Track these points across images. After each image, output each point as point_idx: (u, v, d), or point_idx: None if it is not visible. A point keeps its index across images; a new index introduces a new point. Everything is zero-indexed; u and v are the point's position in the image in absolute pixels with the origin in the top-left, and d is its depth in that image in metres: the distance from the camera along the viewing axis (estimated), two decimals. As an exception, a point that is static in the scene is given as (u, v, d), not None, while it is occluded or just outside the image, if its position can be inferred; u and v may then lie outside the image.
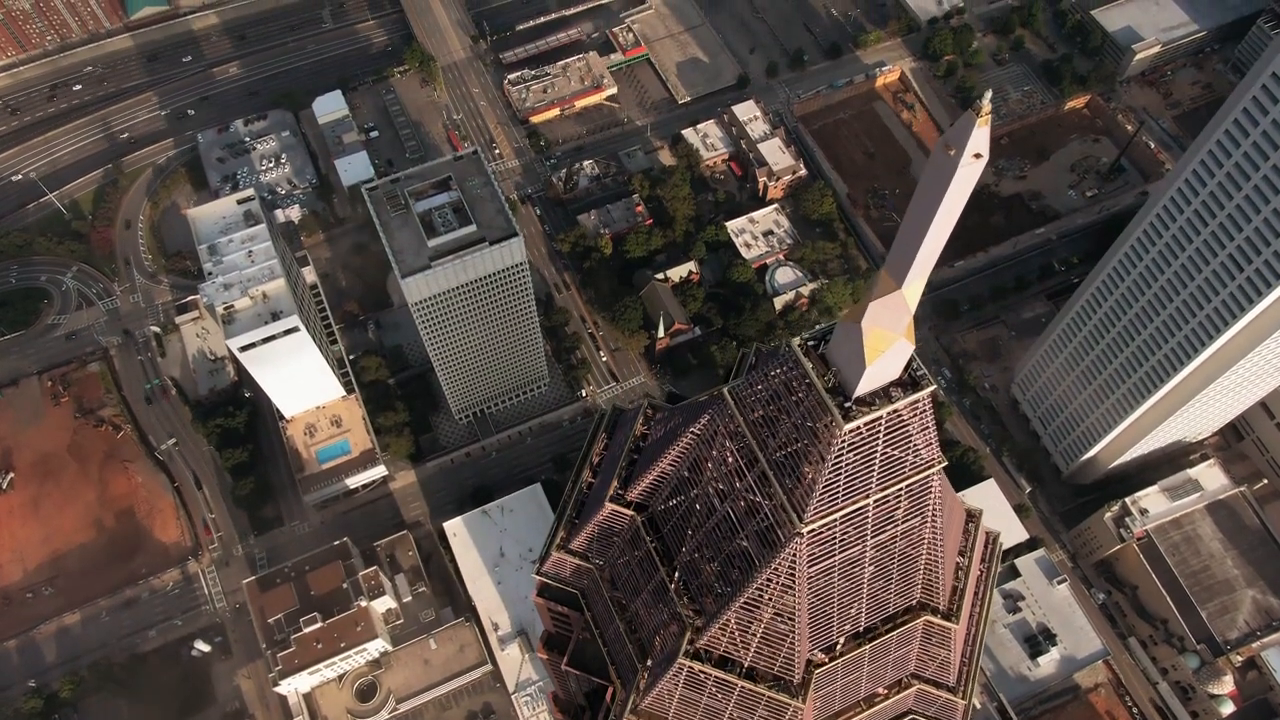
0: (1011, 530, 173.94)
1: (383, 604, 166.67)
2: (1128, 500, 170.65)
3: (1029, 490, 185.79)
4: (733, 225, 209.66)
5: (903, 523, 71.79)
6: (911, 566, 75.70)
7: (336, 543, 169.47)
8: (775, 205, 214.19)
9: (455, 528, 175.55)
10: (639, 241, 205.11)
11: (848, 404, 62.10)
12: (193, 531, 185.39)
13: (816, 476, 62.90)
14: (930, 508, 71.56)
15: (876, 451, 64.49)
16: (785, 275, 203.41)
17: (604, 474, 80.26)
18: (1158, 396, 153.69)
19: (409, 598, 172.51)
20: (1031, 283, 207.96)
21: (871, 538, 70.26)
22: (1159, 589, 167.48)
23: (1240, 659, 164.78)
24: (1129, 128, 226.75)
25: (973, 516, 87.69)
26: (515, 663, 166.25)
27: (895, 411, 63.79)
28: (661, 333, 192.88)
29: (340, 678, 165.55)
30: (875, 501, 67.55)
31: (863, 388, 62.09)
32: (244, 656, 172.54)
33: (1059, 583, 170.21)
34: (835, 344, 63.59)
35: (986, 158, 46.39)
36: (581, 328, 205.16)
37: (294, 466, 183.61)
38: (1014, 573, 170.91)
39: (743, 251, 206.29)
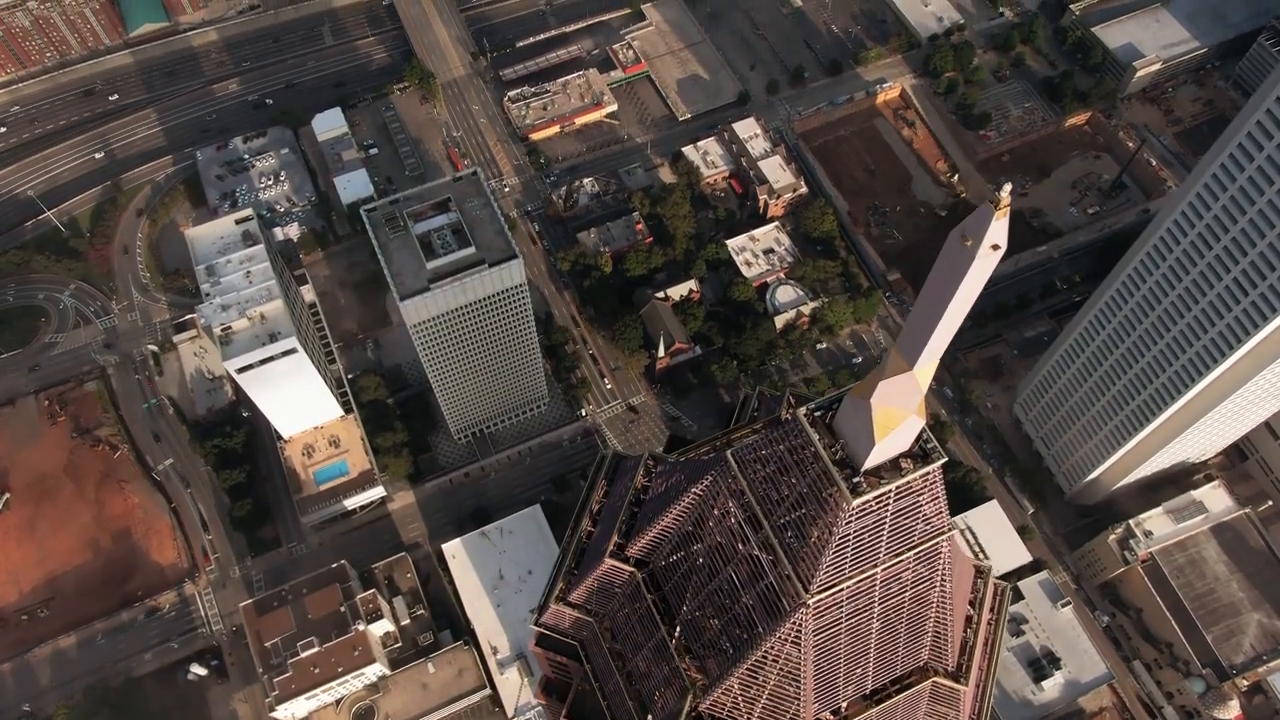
0: (1014, 552, 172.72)
1: (380, 627, 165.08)
2: (1132, 522, 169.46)
3: (1031, 511, 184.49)
4: (733, 243, 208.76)
5: (911, 587, 70.60)
6: (920, 628, 74.50)
7: (334, 565, 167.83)
8: (776, 223, 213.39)
9: (454, 549, 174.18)
10: (639, 260, 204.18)
11: (856, 478, 60.89)
12: (189, 553, 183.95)
13: (823, 547, 61.71)
14: (939, 572, 70.50)
15: (885, 522, 63.31)
16: (786, 294, 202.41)
17: (604, 525, 78.88)
18: (1162, 419, 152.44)
19: (407, 621, 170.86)
20: (1033, 301, 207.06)
21: (879, 604, 69.01)
22: (1164, 612, 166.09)
23: (1246, 683, 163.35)
24: (1130, 145, 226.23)
25: (981, 572, 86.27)
26: (514, 687, 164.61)
27: (905, 484, 62.63)
28: (662, 352, 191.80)
29: (337, 703, 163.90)
30: (883, 570, 66.31)
31: (871, 461, 60.87)
32: (240, 680, 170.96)
33: (1063, 605, 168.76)
34: (843, 417, 62.42)
35: (1004, 248, 45.22)
36: (582, 348, 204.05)
37: (292, 487, 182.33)
38: (1017, 595, 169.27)
39: (743, 270, 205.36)
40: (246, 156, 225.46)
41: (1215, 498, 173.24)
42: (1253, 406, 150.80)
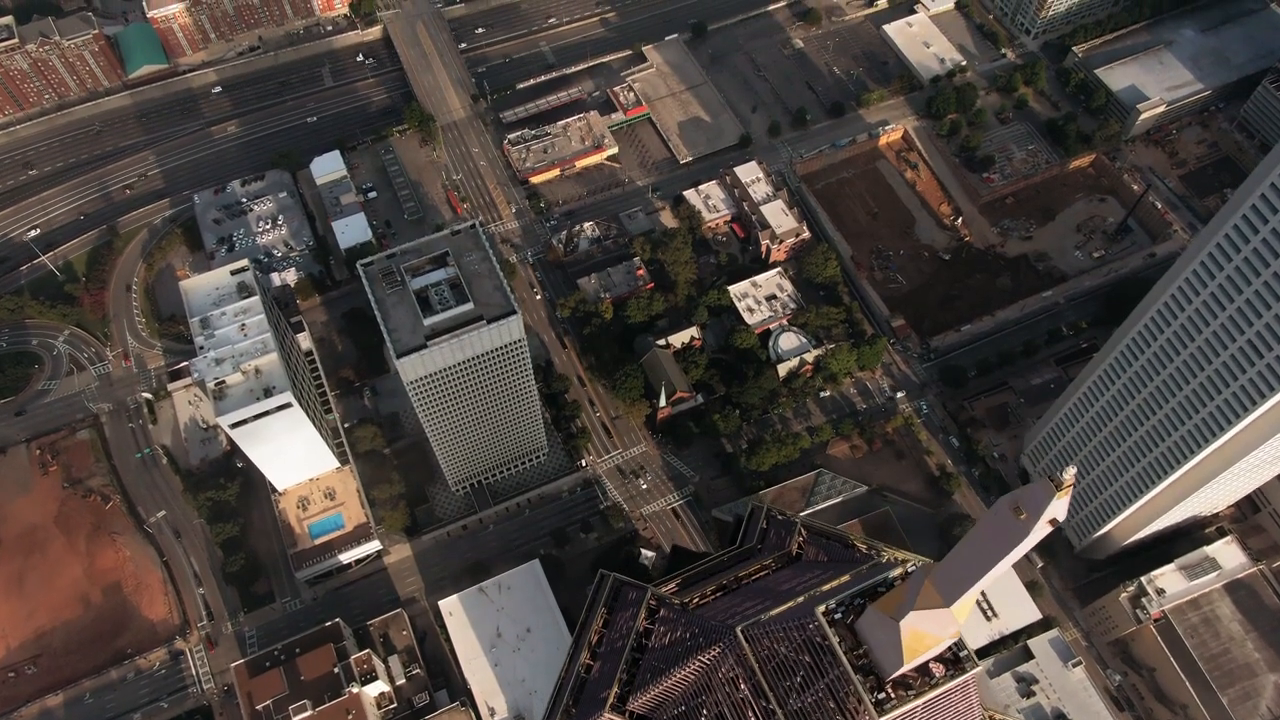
0: (1024, 610, 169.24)
1: (375, 688, 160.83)
2: (1144, 580, 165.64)
3: (1041, 566, 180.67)
4: (735, 289, 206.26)
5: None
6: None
7: (329, 624, 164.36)
8: (778, 268, 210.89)
9: (451, 606, 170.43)
10: (640, 306, 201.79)
11: (880, 692, 57.24)
12: (181, 608, 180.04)
13: None
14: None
15: None
16: (789, 341, 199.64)
17: (604, 666, 75.28)
18: (1177, 475, 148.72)
19: (402, 680, 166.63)
20: (1040, 347, 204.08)
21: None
22: (1177, 673, 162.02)
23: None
24: (1135, 187, 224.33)
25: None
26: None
27: (937, 695, 58.99)
28: (663, 402, 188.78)
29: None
30: None
31: (898, 673, 57.42)
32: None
33: (1074, 665, 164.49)
34: (868, 626, 59.12)
35: (1063, 519, 42.61)
36: (582, 396, 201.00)
37: (286, 541, 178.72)
38: (1027, 654, 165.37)
39: (745, 316, 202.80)
40: (244, 200, 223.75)
41: (1228, 554, 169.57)
42: (1273, 462, 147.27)
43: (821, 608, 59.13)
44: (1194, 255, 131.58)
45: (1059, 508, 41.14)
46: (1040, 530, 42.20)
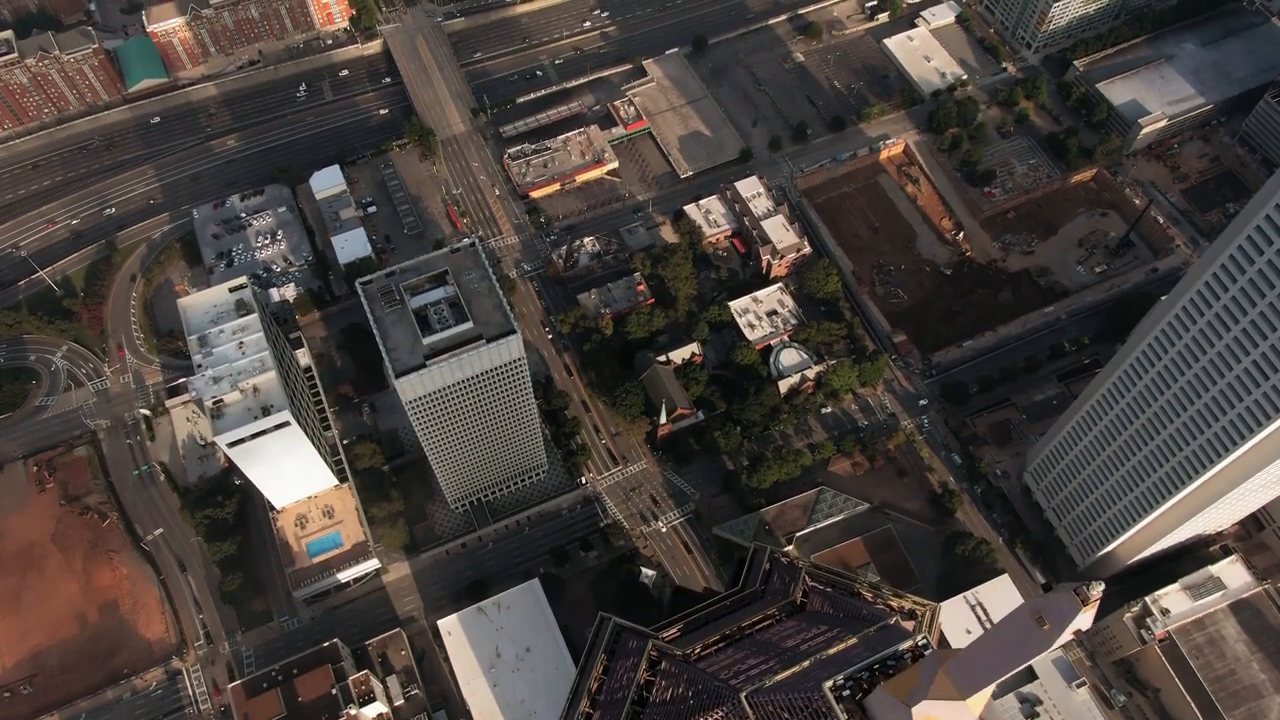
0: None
1: (373, 710, 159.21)
2: (1148, 600, 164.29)
3: (1044, 584, 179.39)
4: (736, 305, 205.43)
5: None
6: None
7: (326, 644, 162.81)
8: (779, 284, 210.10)
9: (450, 626, 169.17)
10: (640, 322, 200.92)
11: None
12: (178, 627, 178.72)
13: None
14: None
15: None
16: (790, 357, 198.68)
17: (604, 717, 74.01)
18: (1181, 495, 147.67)
19: (401, 701, 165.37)
20: (1042, 363, 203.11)
21: None
22: (1183, 694, 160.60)
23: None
24: (1136, 202, 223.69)
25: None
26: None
27: None
28: (664, 419, 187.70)
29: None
30: None
31: None
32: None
33: (1078, 686, 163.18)
34: (877, 706, 57.66)
35: (1088, 629, 42.03)
36: (582, 412, 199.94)
37: (284, 560, 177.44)
38: (1031, 675, 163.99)
39: (746, 332, 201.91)
40: (243, 215, 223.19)
41: (1233, 573, 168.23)
42: (1279, 481, 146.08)
43: (829, 683, 57.91)
44: (1198, 276, 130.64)
45: (1084, 620, 40.35)
46: (1063, 639, 41.50)
